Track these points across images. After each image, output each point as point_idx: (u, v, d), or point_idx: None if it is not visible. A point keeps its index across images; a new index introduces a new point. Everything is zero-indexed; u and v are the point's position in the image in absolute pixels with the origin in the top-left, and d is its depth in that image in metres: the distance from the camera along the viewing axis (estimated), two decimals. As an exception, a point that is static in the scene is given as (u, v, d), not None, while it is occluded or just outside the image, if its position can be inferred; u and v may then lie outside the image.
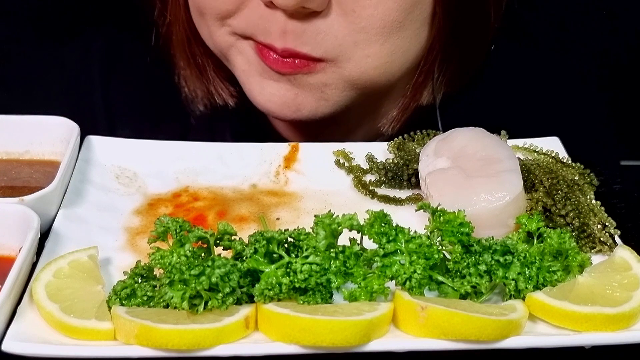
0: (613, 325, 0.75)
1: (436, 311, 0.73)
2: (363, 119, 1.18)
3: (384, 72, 1.01)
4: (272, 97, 1.02)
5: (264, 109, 1.05)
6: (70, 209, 0.90)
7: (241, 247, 0.79)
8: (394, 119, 1.14)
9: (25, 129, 0.98)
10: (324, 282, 0.76)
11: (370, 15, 0.94)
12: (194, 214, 0.93)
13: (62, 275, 0.78)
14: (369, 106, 1.14)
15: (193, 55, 1.14)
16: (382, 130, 1.16)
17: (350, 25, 0.95)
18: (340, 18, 0.95)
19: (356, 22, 0.95)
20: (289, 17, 0.94)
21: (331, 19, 0.95)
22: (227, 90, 1.16)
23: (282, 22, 0.94)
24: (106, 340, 0.72)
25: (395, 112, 1.14)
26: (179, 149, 1.01)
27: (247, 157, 1.02)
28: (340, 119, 1.11)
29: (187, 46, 1.13)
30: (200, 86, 1.17)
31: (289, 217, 0.93)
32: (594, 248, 0.87)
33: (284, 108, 1.02)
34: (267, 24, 0.96)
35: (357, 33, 0.95)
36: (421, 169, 0.95)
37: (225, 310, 0.74)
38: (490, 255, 0.79)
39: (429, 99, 1.15)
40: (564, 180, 0.94)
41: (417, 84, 1.10)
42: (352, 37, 0.96)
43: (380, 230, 0.80)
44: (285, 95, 1.01)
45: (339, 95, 1.03)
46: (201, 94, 1.17)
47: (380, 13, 0.94)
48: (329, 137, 1.09)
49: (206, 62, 1.14)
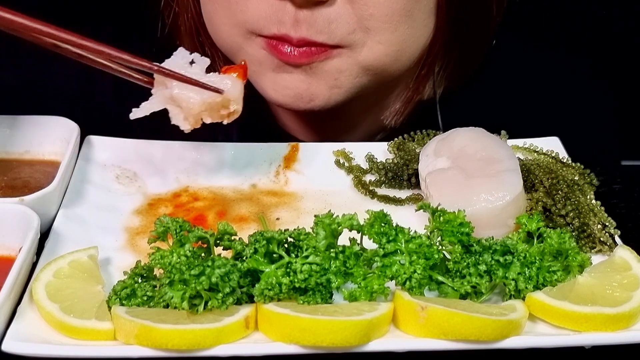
0: (613, 325, 0.75)
1: (436, 311, 0.73)
2: (367, 112, 1.18)
3: (395, 60, 1.02)
4: (285, 90, 1.02)
5: (277, 102, 1.05)
6: (70, 209, 0.90)
7: (241, 247, 0.79)
8: (397, 112, 1.15)
9: (25, 129, 0.98)
10: (324, 282, 0.76)
11: (376, 1, 0.95)
12: (194, 214, 0.93)
13: (62, 275, 0.78)
14: (374, 99, 1.14)
15: (202, 45, 1.13)
16: (385, 123, 1.16)
17: (358, 12, 0.96)
18: (347, 5, 0.96)
19: (363, 9, 0.96)
20: (297, 7, 0.95)
21: (338, 7, 0.96)
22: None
23: (293, 11, 0.95)
24: (106, 340, 0.72)
25: (398, 104, 1.15)
26: (179, 149, 1.01)
27: (247, 157, 1.02)
28: (346, 112, 1.11)
29: (196, 36, 1.13)
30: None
31: (289, 217, 0.93)
32: (594, 248, 0.87)
33: (297, 99, 1.02)
34: (279, 13, 0.96)
35: (366, 20, 0.97)
36: (421, 169, 0.95)
37: (225, 310, 0.74)
38: (490, 255, 0.79)
39: (430, 92, 1.15)
40: (564, 180, 0.94)
41: (420, 76, 1.11)
42: (363, 24, 0.97)
43: (380, 230, 0.80)
44: (299, 87, 1.01)
45: (352, 82, 1.03)
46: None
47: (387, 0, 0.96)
48: (333, 130, 1.10)
49: (215, 53, 1.14)
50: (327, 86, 1.02)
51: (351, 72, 1.02)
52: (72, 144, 0.93)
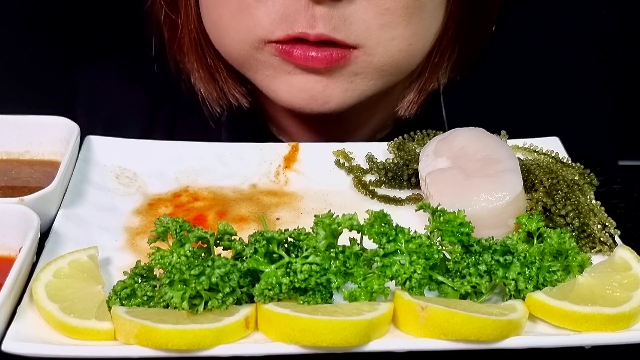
0: (613, 325, 0.75)
1: (436, 311, 0.73)
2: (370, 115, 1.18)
3: (407, 55, 1.02)
4: (300, 93, 1.02)
5: (290, 105, 1.04)
6: (70, 209, 0.90)
7: (241, 247, 0.79)
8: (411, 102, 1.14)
9: (25, 129, 0.98)
10: (324, 282, 0.76)
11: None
12: (194, 214, 0.93)
13: (62, 275, 0.78)
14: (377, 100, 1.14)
15: (205, 57, 1.12)
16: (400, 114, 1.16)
17: (375, 7, 0.96)
18: (364, 2, 0.96)
19: (380, 3, 0.96)
20: (315, 3, 0.94)
21: (356, 3, 0.95)
22: (240, 90, 1.15)
23: (310, 9, 0.95)
24: (106, 340, 0.72)
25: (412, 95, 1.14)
26: (179, 149, 1.01)
27: (247, 157, 1.02)
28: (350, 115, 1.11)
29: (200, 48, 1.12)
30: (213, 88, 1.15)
31: (289, 217, 0.93)
32: (594, 248, 0.87)
33: (311, 102, 1.02)
34: (293, 13, 0.96)
35: (382, 15, 0.96)
36: (421, 169, 0.95)
37: (225, 310, 0.74)
38: (490, 255, 0.79)
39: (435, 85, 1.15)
40: (564, 180, 0.94)
41: (433, 64, 1.11)
42: (378, 20, 0.97)
43: (380, 230, 0.80)
44: (314, 88, 1.01)
45: (366, 85, 1.03)
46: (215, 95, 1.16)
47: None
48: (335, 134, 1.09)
49: (218, 64, 1.12)
50: (343, 89, 1.02)
51: (366, 75, 1.02)
52: (72, 144, 0.93)
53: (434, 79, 1.13)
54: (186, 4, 1.08)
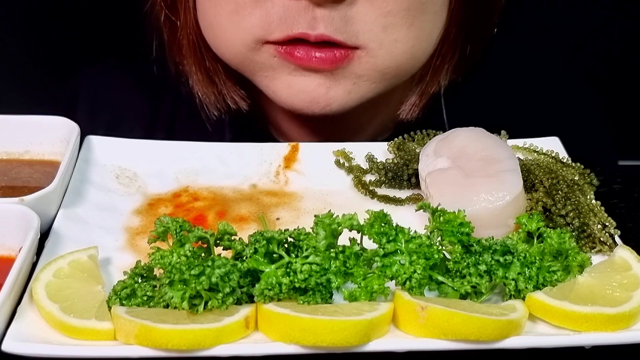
0: (613, 325, 0.75)
1: (436, 311, 0.73)
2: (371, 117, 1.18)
3: (410, 57, 1.02)
4: (301, 94, 1.01)
5: (290, 106, 1.03)
6: (70, 209, 0.90)
7: (241, 247, 0.79)
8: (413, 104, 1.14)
9: (25, 129, 0.98)
10: (324, 282, 0.76)
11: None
12: (194, 214, 0.93)
13: (62, 275, 0.78)
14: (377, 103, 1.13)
15: (203, 59, 1.12)
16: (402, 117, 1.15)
17: (377, 10, 0.96)
18: (366, 3, 0.95)
19: (382, 6, 0.95)
20: (316, 5, 0.94)
21: (357, 5, 0.95)
22: (239, 93, 1.15)
23: (310, 11, 0.94)
24: (106, 340, 0.72)
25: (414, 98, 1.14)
26: (179, 149, 1.01)
27: (247, 157, 1.02)
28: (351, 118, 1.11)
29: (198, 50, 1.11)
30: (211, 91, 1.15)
31: (289, 217, 0.93)
32: (594, 248, 0.87)
33: (312, 104, 1.01)
34: (293, 14, 0.95)
35: (384, 17, 0.96)
36: (421, 169, 0.95)
37: (225, 310, 0.74)
38: (490, 255, 0.79)
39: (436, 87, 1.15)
40: (564, 180, 0.94)
41: (435, 67, 1.11)
42: (381, 22, 0.96)
43: (380, 230, 0.80)
44: (316, 90, 1.00)
45: (368, 87, 1.03)
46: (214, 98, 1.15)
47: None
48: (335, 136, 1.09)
49: (216, 67, 1.12)
50: (345, 91, 1.01)
51: (369, 77, 1.01)
52: (72, 144, 0.93)
53: (435, 82, 1.13)
54: (185, 6, 1.08)
